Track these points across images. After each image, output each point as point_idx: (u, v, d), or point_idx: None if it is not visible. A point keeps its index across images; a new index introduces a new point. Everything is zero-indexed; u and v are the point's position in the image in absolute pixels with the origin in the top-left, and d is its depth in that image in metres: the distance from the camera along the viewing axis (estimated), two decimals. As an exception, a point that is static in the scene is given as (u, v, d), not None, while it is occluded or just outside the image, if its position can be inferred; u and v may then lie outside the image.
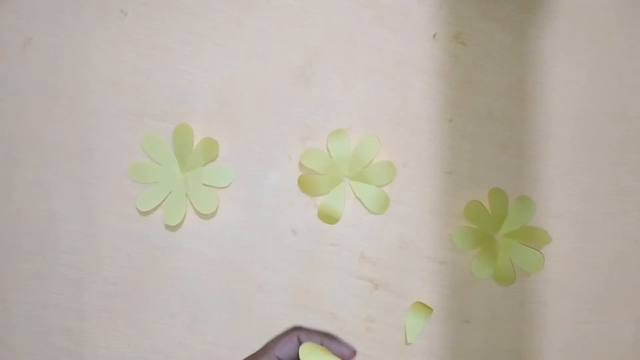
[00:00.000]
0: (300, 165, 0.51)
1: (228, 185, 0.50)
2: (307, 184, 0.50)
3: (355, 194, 0.50)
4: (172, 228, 0.50)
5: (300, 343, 0.40)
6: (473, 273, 0.49)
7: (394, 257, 0.50)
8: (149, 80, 0.52)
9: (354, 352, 0.40)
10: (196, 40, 0.52)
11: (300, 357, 0.39)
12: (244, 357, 0.40)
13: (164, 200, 0.50)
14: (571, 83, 0.51)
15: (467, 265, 0.50)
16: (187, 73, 0.51)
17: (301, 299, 0.50)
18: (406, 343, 0.49)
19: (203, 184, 0.50)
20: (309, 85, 0.51)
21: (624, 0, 0.51)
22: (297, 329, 0.41)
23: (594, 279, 0.50)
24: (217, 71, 0.51)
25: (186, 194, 0.50)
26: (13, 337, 0.50)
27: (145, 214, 0.50)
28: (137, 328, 0.50)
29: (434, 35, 0.51)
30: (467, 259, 0.50)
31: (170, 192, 0.50)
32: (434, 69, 0.51)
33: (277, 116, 0.51)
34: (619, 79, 0.51)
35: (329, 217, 0.50)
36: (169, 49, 0.52)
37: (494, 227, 0.49)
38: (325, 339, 0.40)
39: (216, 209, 0.50)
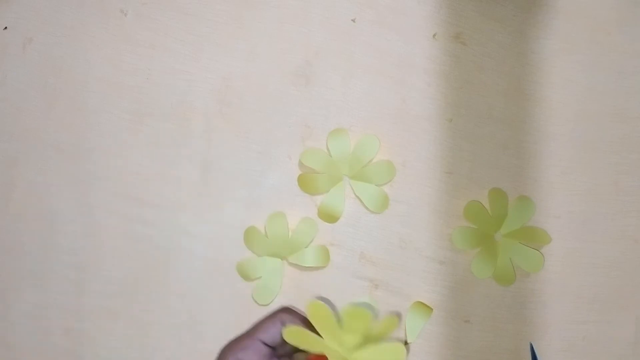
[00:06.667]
0: (300, 164, 0.51)
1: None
2: (306, 183, 0.50)
3: (354, 193, 0.50)
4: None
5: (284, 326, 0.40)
6: (473, 273, 0.49)
7: (394, 257, 0.50)
8: (149, 80, 0.52)
9: None
10: (196, 40, 0.52)
11: (285, 339, 0.39)
12: None
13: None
14: (571, 83, 0.51)
15: (467, 265, 0.50)
16: (187, 73, 0.51)
17: (301, 299, 0.50)
18: (406, 343, 0.49)
19: None
20: (309, 85, 0.51)
21: (624, 0, 0.51)
22: (282, 310, 0.41)
23: (593, 279, 0.50)
24: (217, 71, 0.51)
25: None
26: (13, 337, 0.50)
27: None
28: (137, 328, 0.50)
29: (434, 35, 0.51)
30: (467, 259, 0.50)
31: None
32: (434, 69, 0.51)
33: (277, 116, 0.51)
34: (619, 79, 0.51)
35: (329, 217, 0.50)
36: (169, 49, 0.52)
37: (494, 227, 0.49)
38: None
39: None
